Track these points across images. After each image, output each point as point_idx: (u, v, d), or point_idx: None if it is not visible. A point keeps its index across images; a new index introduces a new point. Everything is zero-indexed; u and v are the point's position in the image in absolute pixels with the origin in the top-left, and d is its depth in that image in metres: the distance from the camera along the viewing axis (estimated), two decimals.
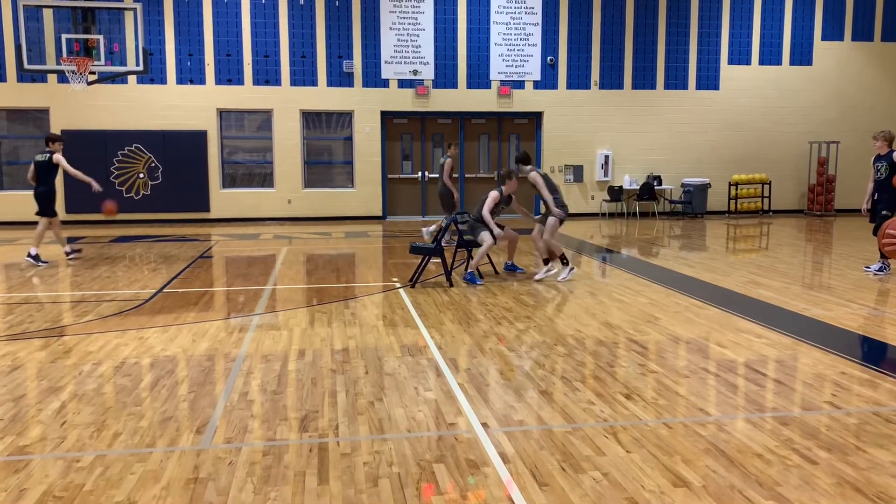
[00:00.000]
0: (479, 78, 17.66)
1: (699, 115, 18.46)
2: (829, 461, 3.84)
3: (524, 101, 17.90)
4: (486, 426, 4.35)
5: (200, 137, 16.83)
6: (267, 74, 16.95)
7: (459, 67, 17.56)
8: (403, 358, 5.84)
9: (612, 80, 18.13)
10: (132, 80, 16.33)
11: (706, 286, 8.92)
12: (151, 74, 16.23)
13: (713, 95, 18.48)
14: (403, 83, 17.44)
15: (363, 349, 6.11)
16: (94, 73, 13.73)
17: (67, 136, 15.82)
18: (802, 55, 18.71)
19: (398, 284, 9.07)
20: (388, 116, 17.71)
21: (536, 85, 17.89)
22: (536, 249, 10.04)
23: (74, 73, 12.78)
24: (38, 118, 16.60)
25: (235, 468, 3.79)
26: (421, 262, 9.19)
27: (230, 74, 16.81)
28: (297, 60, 17.03)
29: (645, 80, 18.20)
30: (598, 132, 18.17)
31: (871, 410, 4.60)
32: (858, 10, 18.75)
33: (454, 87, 17.59)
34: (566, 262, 9.32)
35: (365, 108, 17.37)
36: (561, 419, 4.47)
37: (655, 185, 18.09)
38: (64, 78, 13.85)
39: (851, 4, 18.72)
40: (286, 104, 17.08)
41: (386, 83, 17.40)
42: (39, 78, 16.01)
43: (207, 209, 17.06)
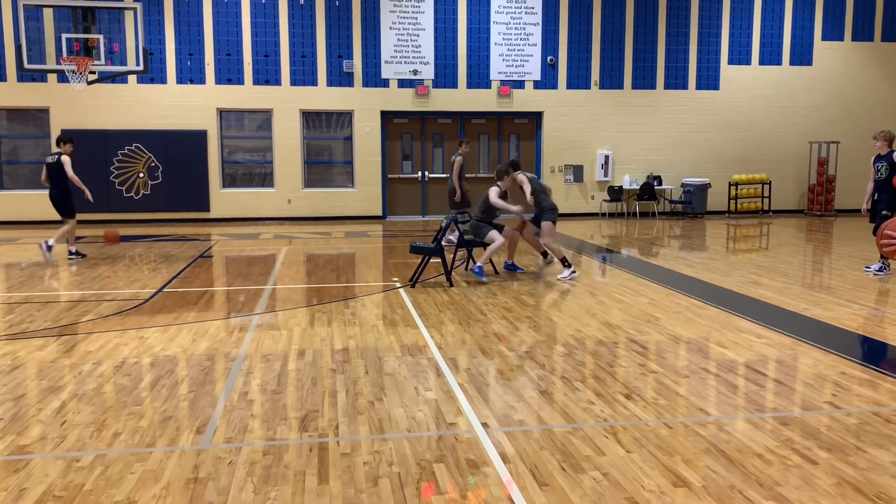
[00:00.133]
0: (479, 78, 17.66)
1: (699, 115, 18.46)
2: (829, 461, 3.84)
3: (524, 100, 17.90)
4: (486, 426, 4.35)
5: (200, 137, 16.83)
6: (267, 74, 16.95)
7: (459, 67, 17.56)
8: (403, 358, 5.84)
9: (612, 79, 18.13)
10: (132, 79, 16.33)
11: (706, 286, 8.92)
12: (151, 74, 16.22)
13: (713, 95, 18.48)
14: (403, 83, 17.44)
15: (363, 349, 6.11)
16: (94, 72, 13.72)
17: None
18: (802, 55, 18.71)
19: (398, 284, 9.07)
20: (388, 116, 17.71)
21: (536, 85, 17.89)
22: (534, 248, 10.28)
23: (74, 72, 12.77)
24: (38, 118, 16.59)
25: (235, 468, 3.79)
26: (421, 261, 9.19)
27: (230, 74, 16.81)
28: (297, 60, 17.03)
29: (645, 80, 18.20)
30: (598, 132, 18.17)
31: (871, 410, 4.60)
32: (859, 10, 18.75)
33: (454, 86, 17.59)
34: (568, 264, 9.35)
35: (365, 107, 17.37)
36: (561, 419, 4.47)
37: (655, 185, 18.09)
38: (64, 77, 13.84)
39: (851, 4, 18.72)
40: (286, 104, 17.08)
41: (386, 83, 17.40)
42: (39, 77, 16.01)
43: (207, 209, 17.06)
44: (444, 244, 9.32)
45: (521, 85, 17.82)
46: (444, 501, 3.42)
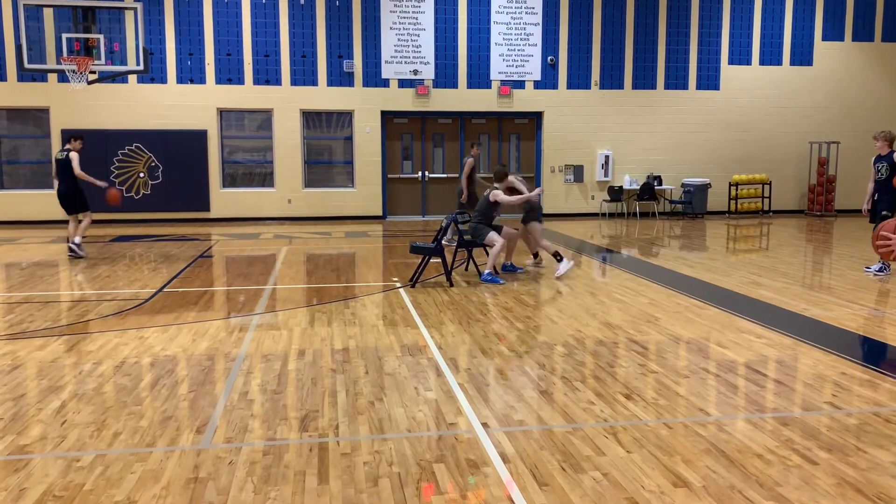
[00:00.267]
0: (479, 78, 17.65)
1: (699, 115, 18.45)
2: (829, 461, 3.84)
3: (524, 101, 17.89)
4: (486, 426, 4.35)
5: (200, 137, 16.82)
6: (267, 74, 16.95)
7: (460, 67, 17.55)
8: (403, 358, 5.84)
9: (612, 80, 18.12)
10: (132, 79, 16.32)
11: (706, 286, 8.92)
12: (152, 74, 16.22)
13: (713, 96, 18.48)
14: (404, 83, 17.44)
15: (363, 349, 6.11)
16: (94, 72, 13.72)
17: (67, 135, 15.85)
18: (803, 55, 18.70)
19: (398, 284, 9.07)
20: (388, 116, 17.70)
21: (537, 85, 17.88)
22: (530, 249, 10.46)
23: (75, 72, 12.77)
24: (38, 117, 16.59)
25: (235, 468, 3.79)
26: (421, 261, 9.19)
27: (230, 74, 16.81)
28: (297, 60, 17.02)
29: (645, 80, 18.20)
30: (598, 132, 18.16)
31: (871, 411, 4.60)
32: (859, 10, 18.74)
33: (454, 86, 17.58)
34: (560, 258, 9.49)
35: (365, 107, 17.37)
36: (561, 419, 4.47)
37: (656, 185, 18.09)
38: (64, 77, 13.84)
39: (852, 5, 18.71)
40: (286, 104, 17.08)
41: (386, 83, 17.39)
42: (40, 77, 16.01)
43: (207, 209, 17.06)
44: (444, 243, 9.35)
45: (521, 85, 17.82)
46: (444, 501, 3.42)
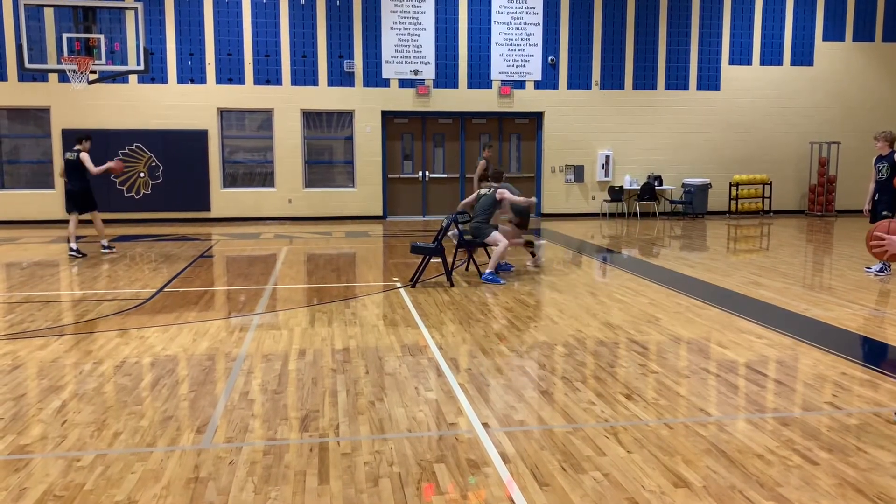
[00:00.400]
0: (479, 78, 17.65)
1: (700, 115, 18.45)
2: (829, 462, 3.84)
3: (525, 101, 17.89)
4: (486, 426, 4.35)
5: (201, 137, 16.82)
6: (268, 74, 16.95)
7: (460, 67, 17.55)
8: (404, 358, 5.84)
9: (612, 80, 18.12)
10: (133, 79, 16.32)
11: (707, 286, 8.92)
12: (152, 74, 16.22)
13: (714, 96, 18.47)
14: (404, 83, 17.44)
15: (364, 349, 6.11)
16: (94, 72, 13.72)
17: (68, 135, 15.85)
18: (803, 55, 18.70)
19: (399, 284, 9.07)
20: (388, 116, 17.70)
21: (537, 85, 17.88)
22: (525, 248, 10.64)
23: (75, 72, 12.78)
24: (38, 117, 16.59)
25: (236, 468, 3.79)
26: (421, 261, 9.20)
27: (231, 74, 16.81)
28: (297, 60, 17.02)
29: (646, 80, 18.19)
30: (598, 132, 18.16)
31: (871, 411, 4.60)
32: (859, 10, 18.73)
33: (455, 86, 17.58)
34: (533, 252, 10.33)
35: (366, 107, 17.37)
36: (561, 419, 4.47)
37: (656, 185, 18.08)
38: (65, 77, 13.85)
39: (852, 5, 18.70)
40: (287, 104, 17.07)
41: (387, 83, 17.39)
42: (40, 77, 16.01)
43: (208, 209, 17.06)
44: (449, 235, 9.54)
45: (521, 85, 17.82)
46: (444, 501, 3.42)
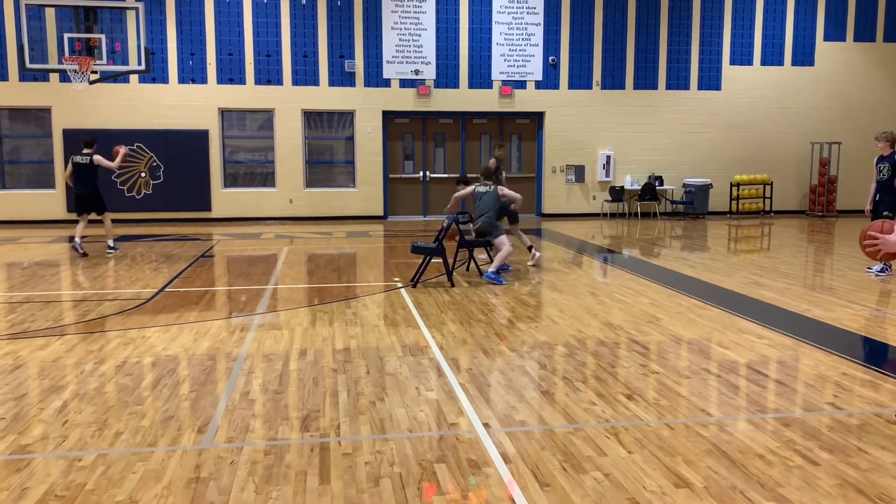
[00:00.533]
0: (480, 78, 17.65)
1: (701, 115, 18.44)
2: (830, 462, 3.84)
3: (526, 101, 17.88)
4: (487, 426, 4.35)
5: (202, 137, 16.83)
6: (269, 74, 16.95)
7: (461, 67, 17.55)
8: (405, 358, 5.84)
9: (613, 80, 18.11)
10: (134, 79, 16.33)
11: (708, 287, 8.92)
12: (153, 74, 16.22)
13: (715, 96, 18.46)
14: (405, 83, 17.44)
15: (364, 349, 6.11)
16: (95, 72, 13.74)
17: (69, 135, 15.88)
18: (804, 56, 18.69)
19: (399, 284, 9.07)
20: (389, 116, 17.70)
21: (538, 85, 17.88)
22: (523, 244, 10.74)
23: (76, 72, 12.79)
24: (40, 117, 16.59)
25: (237, 468, 3.79)
26: (422, 261, 9.20)
27: (232, 74, 16.81)
28: (298, 60, 17.02)
29: (647, 80, 18.19)
30: (599, 132, 18.15)
31: (872, 411, 4.60)
32: (860, 10, 18.72)
33: (456, 86, 17.58)
34: (490, 260, 9.98)
35: (366, 107, 17.37)
36: (562, 419, 4.47)
37: (657, 185, 18.07)
38: (66, 77, 13.86)
39: (853, 5, 18.69)
40: (288, 104, 17.08)
41: (387, 83, 17.39)
42: (41, 77, 16.02)
43: (209, 208, 17.06)
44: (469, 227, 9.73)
45: (522, 85, 17.81)
46: (445, 502, 3.42)
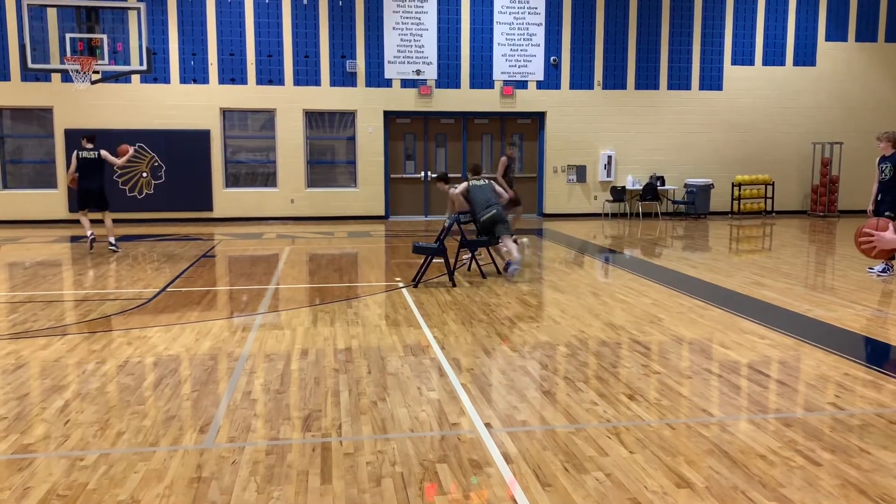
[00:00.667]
0: (482, 78, 17.65)
1: (702, 115, 18.43)
2: (832, 462, 3.83)
3: (527, 101, 17.89)
4: (489, 426, 4.35)
5: (203, 137, 16.84)
6: (270, 74, 16.96)
7: (462, 67, 17.55)
8: (406, 358, 5.84)
9: (615, 80, 18.11)
10: (135, 79, 16.34)
11: (709, 287, 8.91)
12: (155, 74, 16.24)
13: (716, 96, 18.46)
14: (406, 83, 17.44)
15: (366, 349, 6.11)
16: (97, 72, 13.75)
17: (71, 135, 15.89)
18: (806, 56, 18.68)
19: (401, 284, 9.07)
20: (391, 116, 17.70)
21: (539, 85, 17.88)
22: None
23: (78, 72, 12.80)
24: (41, 117, 16.61)
25: (239, 467, 3.79)
26: (424, 261, 9.20)
27: (233, 74, 16.82)
28: (300, 60, 17.03)
29: (648, 80, 18.19)
30: (601, 132, 18.15)
31: (874, 412, 4.60)
32: (862, 10, 18.71)
33: (457, 87, 17.58)
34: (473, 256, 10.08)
35: (368, 107, 17.37)
36: (564, 419, 4.47)
37: (658, 185, 18.07)
38: (68, 77, 13.86)
39: (855, 5, 18.68)
40: (289, 104, 17.08)
41: (389, 83, 17.39)
42: (43, 77, 16.03)
43: (210, 208, 17.07)
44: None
45: (524, 85, 17.81)
46: (446, 502, 3.42)
